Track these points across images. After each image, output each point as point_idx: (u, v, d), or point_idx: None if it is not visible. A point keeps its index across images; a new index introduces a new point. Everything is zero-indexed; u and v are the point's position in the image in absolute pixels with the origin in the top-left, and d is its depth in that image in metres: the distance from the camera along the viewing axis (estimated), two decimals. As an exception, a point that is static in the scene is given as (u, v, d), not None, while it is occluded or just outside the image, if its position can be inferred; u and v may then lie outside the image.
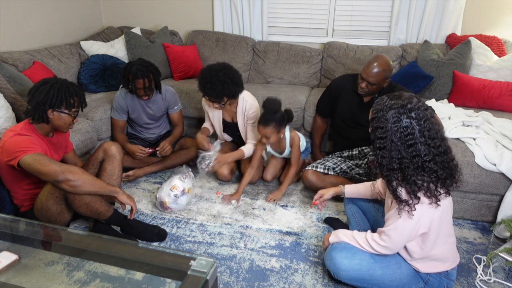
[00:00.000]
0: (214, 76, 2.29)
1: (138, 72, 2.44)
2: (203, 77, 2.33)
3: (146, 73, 2.46)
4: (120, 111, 2.66)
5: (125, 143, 2.59)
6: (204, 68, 2.38)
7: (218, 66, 2.36)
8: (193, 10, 3.79)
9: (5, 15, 2.85)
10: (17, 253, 1.38)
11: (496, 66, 2.84)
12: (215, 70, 2.31)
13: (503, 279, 1.78)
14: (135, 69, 2.45)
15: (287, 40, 3.66)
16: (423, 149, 1.39)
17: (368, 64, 2.29)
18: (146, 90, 2.51)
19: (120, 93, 2.64)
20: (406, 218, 1.43)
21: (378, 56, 2.30)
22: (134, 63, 2.51)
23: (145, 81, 2.47)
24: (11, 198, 1.95)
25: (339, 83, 2.60)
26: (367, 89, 2.33)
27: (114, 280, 1.77)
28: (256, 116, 2.50)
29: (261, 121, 2.29)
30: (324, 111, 2.76)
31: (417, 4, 3.21)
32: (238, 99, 2.49)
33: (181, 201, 2.26)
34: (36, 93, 1.80)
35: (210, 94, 2.34)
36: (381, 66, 2.24)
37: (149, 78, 2.49)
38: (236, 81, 2.36)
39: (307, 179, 2.41)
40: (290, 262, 1.89)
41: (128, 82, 2.52)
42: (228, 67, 2.38)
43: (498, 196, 2.11)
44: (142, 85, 2.48)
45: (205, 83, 2.32)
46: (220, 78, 2.28)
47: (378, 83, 2.29)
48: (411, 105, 1.41)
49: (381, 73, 2.26)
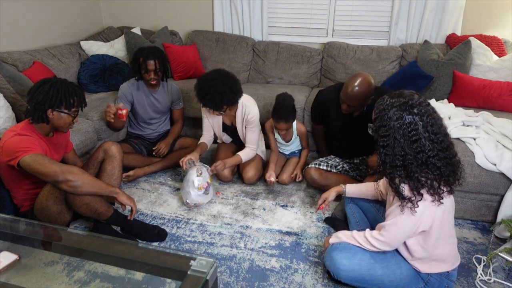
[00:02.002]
0: (211, 87, 2.23)
1: (150, 54, 2.53)
2: (201, 88, 2.27)
3: (157, 55, 2.55)
4: (124, 100, 2.68)
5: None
6: (200, 78, 2.32)
7: (214, 75, 2.30)
8: (193, 10, 3.79)
9: (5, 15, 2.85)
10: (17, 253, 1.37)
11: (496, 66, 2.84)
12: (212, 80, 2.26)
13: (503, 279, 1.78)
14: (147, 51, 2.54)
15: (287, 40, 3.66)
16: (427, 144, 1.40)
17: (346, 86, 2.13)
18: (156, 72, 2.57)
19: (128, 84, 2.68)
20: (408, 215, 1.43)
21: (358, 76, 2.11)
22: (145, 47, 2.62)
23: (156, 63, 2.55)
24: (11, 198, 1.95)
25: (325, 97, 2.46)
26: (349, 110, 2.21)
27: (114, 280, 1.77)
28: (255, 121, 2.49)
29: (281, 117, 2.41)
30: (317, 120, 2.67)
31: (417, 4, 3.21)
32: (238, 104, 2.47)
33: (210, 192, 2.36)
34: (36, 93, 1.80)
35: (209, 105, 2.30)
36: (360, 88, 2.08)
37: (160, 61, 2.57)
38: (234, 89, 2.31)
39: (310, 176, 2.40)
40: (290, 262, 1.89)
41: (138, 66, 2.57)
42: (225, 74, 2.32)
43: (498, 196, 2.11)
44: (153, 67, 2.55)
45: (204, 95, 2.27)
46: (218, 88, 2.23)
47: (358, 104, 2.15)
48: (412, 102, 1.42)
49: (360, 96, 2.10)
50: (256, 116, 2.49)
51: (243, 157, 2.52)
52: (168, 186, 2.61)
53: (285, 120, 2.42)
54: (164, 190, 2.56)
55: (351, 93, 2.10)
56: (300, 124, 2.65)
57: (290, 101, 2.46)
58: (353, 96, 2.10)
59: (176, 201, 2.44)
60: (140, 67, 2.57)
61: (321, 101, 2.51)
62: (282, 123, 2.43)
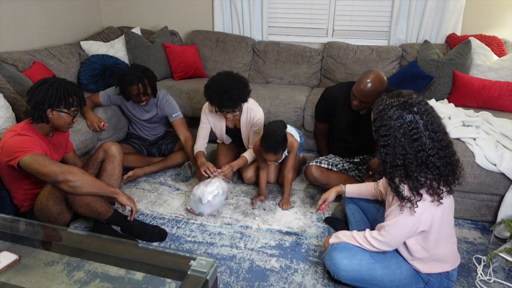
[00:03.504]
0: (225, 85, 2.20)
1: (131, 79, 2.44)
2: (215, 90, 2.22)
3: (140, 79, 2.46)
4: (108, 98, 2.70)
5: (88, 109, 2.60)
6: (210, 83, 2.28)
7: (223, 75, 2.28)
8: (193, 10, 3.79)
9: (5, 15, 2.85)
10: (17, 253, 1.37)
11: (496, 66, 2.84)
12: (223, 80, 2.24)
13: (503, 279, 1.78)
14: (127, 78, 2.45)
15: (287, 40, 3.66)
16: (428, 142, 1.40)
17: (359, 82, 2.14)
18: (141, 96, 2.52)
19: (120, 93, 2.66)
20: (407, 215, 1.43)
21: (371, 73, 2.12)
22: (126, 71, 2.51)
23: (139, 87, 2.47)
24: (11, 198, 1.95)
25: (333, 94, 2.46)
26: (360, 106, 2.22)
27: (114, 280, 1.77)
28: (261, 123, 2.46)
29: (269, 149, 2.20)
30: (322, 118, 2.65)
31: (417, 4, 3.21)
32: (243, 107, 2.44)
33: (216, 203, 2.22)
34: (35, 93, 1.80)
35: (228, 104, 2.24)
36: (373, 84, 2.09)
37: (144, 84, 2.48)
38: (246, 83, 2.31)
39: (311, 174, 2.38)
40: (290, 262, 1.89)
41: (123, 91, 2.53)
42: (231, 73, 2.31)
43: (498, 196, 2.11)
44: (137, 91, 2.48)
45: (221, 95, 2.20)
46: (232, 85, 2.21)
47: (371, 101, 2.11)
48: (411, 101, 1.42)
49: (374, 92, 2.10)
50: (262, 118, 2.49)
51: (249, 158, 2.52)
52: (168, 186, 2.61)
53: (274, 152, 2.21)
54: (164, 190, 2.56)
55: (364, 89, 2.11)
56: (291, 139, 2.38)
57: (281, 130, 2.19)
58: (366, 92, 2.11)
59: (176, 201, 2.44)
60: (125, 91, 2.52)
61: (327, 97, 2.51)
62: (270, 154, 2.22)
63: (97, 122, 2.55)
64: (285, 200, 2.40)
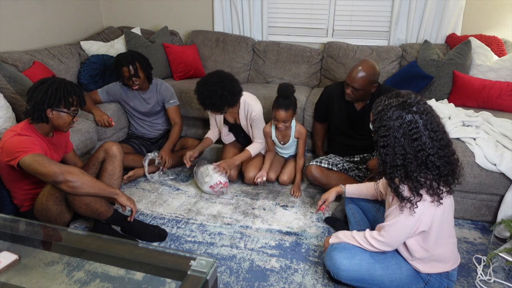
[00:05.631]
0: (211, 91, 2.26)
1: (123, 60, 2.54)
2: (201, 92, 2.30)
3: (130, 61, 2.55)
4: (106, 93, 2.77)
5: (92, 105, 2.68)
6: (199, 83, 2.33)
7: (213, 78, 2.31)
8: (193, 10, 3.79)
9: (5, 15, 2.85)
10: (17, 253, 1.37)
11: (496, 66, 2.84)
12: (211, 85, 2.27)
13: (503, 279, 1.78)
14: (119, 60, 2.56)
15: (287, 40, 3.66)
16: (428, 142, 1.40)
17: (352, 69, 2.22)
18: (132, 78, 2.58)
19: (120, 84, 2.75)
20: (407, 215, 1.43)
21: (363, 61, 2.22)
22: (119, 55, 2.63)
23: (130, 69, 2.55)
24: (11, 198, 1.95)
25: (330, 91, 2.53)
26: (353, 95, 2.27)
27: (114, 280, 1.77)
28: (258, 118, 2.50)
29: (281, 106, 2.35)
30: (321, 118, 2.70)
31: (417, 4, 3.21)
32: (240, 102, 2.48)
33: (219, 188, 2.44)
34: (35, 93, 1.80)
35: (210, 108, 2.36)
36: (365, 71, 2.17)
37: (134, 66, 2.56)
38: (233, 90, 2.33)
39: (311, 174, 2.39)
40: (290, 262, 1.89)
41: (118, 73, 2.61)
42: (223, 77, 2.32)
43: (498, 196, 2.11)
44: (128, 73, 2.56)
45: (204, 99, 2.31)
46: (217, 92, 2.26)
47: (363, 88, 2.21)
48: (410, 100, 1.42)
49: (365, 78, 2.18)
50: (259, 113, 2.50)
51: (252, 151, 2.56)
52: (168, 186, 2.61)
53: (285, 108, 2.35)
54: (164, 190, 2.56)
55: (356, 76, 2.18)
56: (300, 126, 2.58)
57: (290, 89, 2.39)
58: (358, 78, 2.18)
59: (176, 201, 2.44)
60: (119, 74, 2.62)
61: (326, 95, 2.57)
62: (281, 110, 2.35)
63: (107, 118, 2.63)
64: (296, 185, 2.52)
